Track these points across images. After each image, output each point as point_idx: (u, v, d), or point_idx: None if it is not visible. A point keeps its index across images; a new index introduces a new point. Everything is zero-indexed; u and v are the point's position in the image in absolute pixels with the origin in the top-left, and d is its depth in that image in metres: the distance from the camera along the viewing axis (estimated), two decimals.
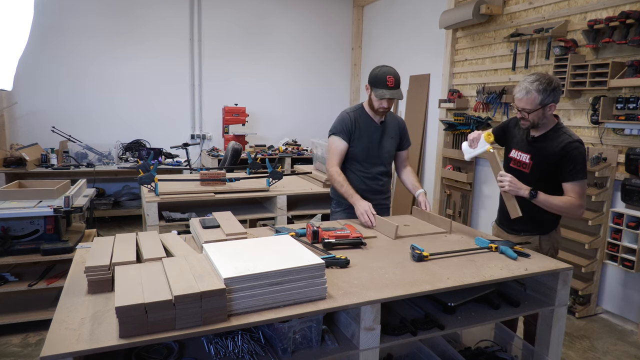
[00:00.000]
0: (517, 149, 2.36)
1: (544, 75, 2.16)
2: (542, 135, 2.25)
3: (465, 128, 4.65)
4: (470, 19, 4.49)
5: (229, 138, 6.00)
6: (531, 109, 2.15)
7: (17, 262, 2.85)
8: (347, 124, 2.62)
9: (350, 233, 2.11)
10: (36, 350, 2.77)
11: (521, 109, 2.19)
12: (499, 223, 2.53)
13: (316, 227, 2.07)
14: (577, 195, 2.15)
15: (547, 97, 2.12)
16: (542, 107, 2.14)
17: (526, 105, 2.16)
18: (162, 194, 2.98)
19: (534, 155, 2.26)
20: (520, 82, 2.20)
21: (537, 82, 2.13)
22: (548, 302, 1.91)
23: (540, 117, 2.18)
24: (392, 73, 2.49)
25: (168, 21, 6.06)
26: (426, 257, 1.90)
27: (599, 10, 3.51)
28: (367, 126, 2.64)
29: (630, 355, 3.01)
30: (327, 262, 1.74)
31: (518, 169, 2.33)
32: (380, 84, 2.48)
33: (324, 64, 7.09)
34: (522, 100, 2.17)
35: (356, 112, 2.66)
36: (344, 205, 2.75)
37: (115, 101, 5.91)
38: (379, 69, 2.53)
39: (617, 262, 3.23)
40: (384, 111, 2.59)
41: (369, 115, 2.65)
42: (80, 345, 1.20)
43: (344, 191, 2.51)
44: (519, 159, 2.34)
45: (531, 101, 2.14)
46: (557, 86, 2.15)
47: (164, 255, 1.66)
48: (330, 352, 1.52)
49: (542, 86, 2.11)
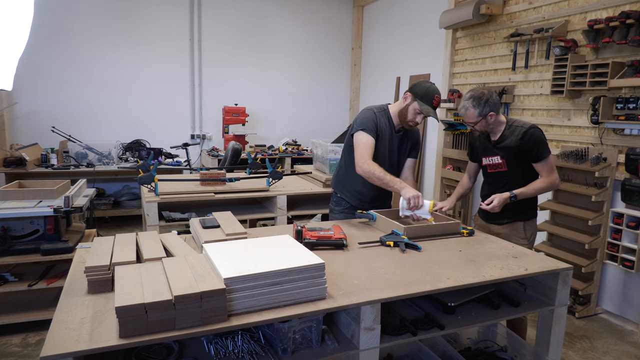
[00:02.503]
0: (486, 155, 2.65)
1: (476, 91, 2.50)
2: (500, 136, 2.56)
3: (465, 128, 4.65)
4: (470, 19, 4.49)
5: (229, 138, 6.00)
6: (474, 122, 2.51)
7: (17, 262, 2.85)
8: (375, 121, 2.51)
9: (334, 234, 2.08)
10: (36, 350, 2.77)
11: (467, 123, 2.57)
12: (482, 216, 2.76)
13: (300, 227, 2.06)
14: (547, 171, 2.49)
15: (484, 109, 2.46)
16: (482, 117, 2.48)
17: (469, 120, 2.52)
18: (162, 194, 2.98)
19: (503, 155, 2.56)
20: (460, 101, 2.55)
21: (470, 99, 2.48)
22: (548, 302, 1.91)
23: (485, 125, 2.52)
24: (439, 93, 2.47)
25: (168, 22, 6.06)
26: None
27: (599, 10, 3.51)
28: (386, 131, 2.56)
29: (630, 355, 3.01)
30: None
31: (496, 171, 2.62)
32: (427, 100, 2.42)
33: (324, 63, 7.09)
34: (465, 117, 2.54)
35: (380, 113, 2.56)
36: (344, 204, 2.74)
37: (115, 101, 5.91)
38: (428, 84, 2.47)
39: (617, 262, 3.23)
40: (414, 125, 2.54)
41: (391, 120, 2.57)
42: (80, 345, 1.19)
43: (389, 180, 2.36)
44: (492, 162, 2.63)
45: (471, 115, 2.49)
46: (490, 97, 2.47)
47: (164, 255, 1.66)
48: (330, 352, 1.52)
49: (475, 102, 2.46)
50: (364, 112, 2.57)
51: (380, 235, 2.15)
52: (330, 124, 7.09)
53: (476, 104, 2.46)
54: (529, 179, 2.52)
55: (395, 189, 2.38)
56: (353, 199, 2.70)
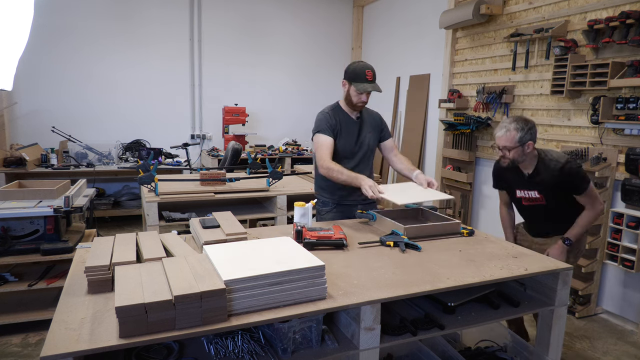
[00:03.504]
0: (521, 188, 2.57)
1: (520, 117, 2.41)
2: (535, 170, 2.47)
3: (465, 128, 4.65)
4: (470, 19, 4.49)
5: (229, 138, 6.00)
6: (511, 146, 2.37)
7: (17, 262, 2.85)
8: (329, 120, 2.61)
9: (334, 234, 2.08)
10: (36, 350, 2.77)
11: (502, 147, 2.41)
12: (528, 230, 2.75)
13: (300, 227, 2.06)
14: (590, 201, 2.44)
15: (525, 135, 2.34)
16: (520, 145, 2.36)
17: (506, 142, 2.38)
18: (162, 194, 2.98)
19: (541, 189, 2.48)
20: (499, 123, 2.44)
21: (514, 122, 2.37)
22: (548, 302, 1.91)
23: (520, 154, 2.39)
24: (369, 67, 2.53)
25: (168, 22, 6.06)
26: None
27: (599, 10, 3.51)
28: (345, 123, 2.65)
29: (630, 355, 3.01)
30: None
31: (534, 204, 2.56)
32: (360, 79, 2.51)
33: (324, 63, 7.09)
34: (501, 138, 2.39)
35: (333, 110, 2.68)
36: (330, 204, 2.73)
37: (115, 101, 5.91)
38: (355, 64, 2.57)
39: (617, 262, 3.23)
40: (363, 105, 2.62)
41: (345, 112, 2.68)
42: (80, 345, 1.19)
43: (347, 176, 2.45)
44: (529, 196, 2.56)
45: (510, 139, 2.36)
46: (533, 126, 2.39)
47: (164, 255, 1.66)
48: (330, 352, 1.52)
49: (519, 125, 2.35)
50: (317, 115, 2.70)
51: (380, 235, 2.16)
52: None
53: (520, 127, 2.34)
54: (568, 206, 2.51)
55: (355, 183, 2.44)
56: (334, 197, 2.73)
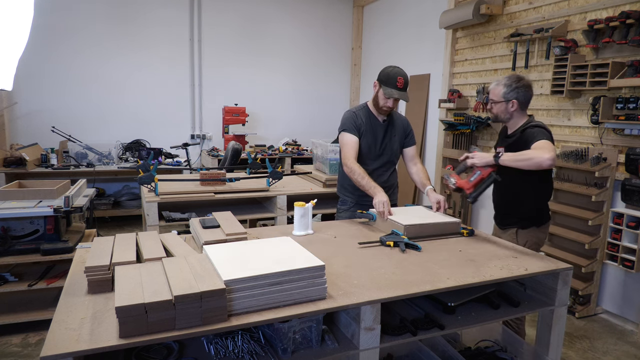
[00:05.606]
0: (498, 146, 2.59)
1: (517, 75, 2.43)
2: (514, 132, 2.47)
3: (465, 128, 4.65)
4: (470, 19, 4.49)
5: (229, 138, 6.00)
6: (496, 100, 2.43)
7: (17, 262, 2.85)
8: (355, 120, 2.66)
9: (481, 174, 2.23)
10: (36, 350, 2.77)
11: (490, 100, 2.48)
12: (495, 220, 2.70)
13: (453, 183, 2.28)
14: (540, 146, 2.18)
15: (510, 92, 2.37)
16: (505, 100, 2.39)
17: (492, 95, 2.45)
18: (162, 194, 2.98)
19: (506, 147, 2.43)
20: None
21: (508, 78, 2.41)
22: (548, 302, 1.91)
23: (503, 111, 2.43)
24: (403, 75, 2.56)
25: (168, 22, 6.06)
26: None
27: (599, 10, 3.51)
28: (372, 124, 2.70)
29: (630, 355, 3.01)
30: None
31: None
32: (391, 84, 2.54)
33: (324, 64, 7.09)
34: (491, 92, 2.47)
35: (361, 110, 2.72)
36: (348, 203, 2.79)
37: (115, 101, 5.91)
38: (390, 68, 2.58)
39: (617, 262, 3.23)
40: (388, 110, 2.64)
41: (372, 113, 2.71)
42: (80, 345, 1.19)
43: (365, 183, 2.51)
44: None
45: (496, 93, 2.43)
46: (525, 85, 2.38)
47: (164, 255, 1.66)
48: (330, 352, 1.52)
49: (509, 82, 2.38)
50: (344, 114, 2.74)
51: (380, 235, 2.16)
52: (331, 124, 7.08)
53: (507, 84, 2.39)
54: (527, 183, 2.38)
55: (370, 192, 2.48)
56: (354, 196, 2.78)
